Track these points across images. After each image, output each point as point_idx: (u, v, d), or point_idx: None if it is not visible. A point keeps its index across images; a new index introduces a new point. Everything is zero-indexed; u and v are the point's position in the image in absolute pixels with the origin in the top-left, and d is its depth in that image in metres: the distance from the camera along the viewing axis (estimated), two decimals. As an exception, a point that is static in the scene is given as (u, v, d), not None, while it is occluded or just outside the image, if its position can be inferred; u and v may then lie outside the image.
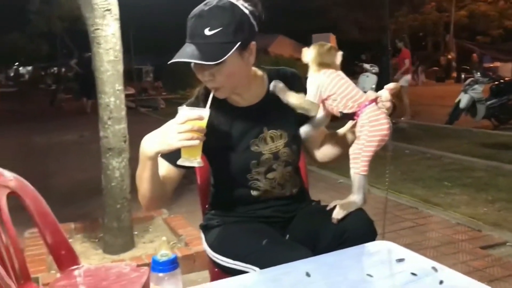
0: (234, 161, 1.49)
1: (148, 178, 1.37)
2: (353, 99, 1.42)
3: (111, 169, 2.81)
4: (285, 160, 1.53)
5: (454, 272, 1.22)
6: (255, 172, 1.50)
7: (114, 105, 2.74)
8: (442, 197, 4.25)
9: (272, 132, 1.52)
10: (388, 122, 1.41)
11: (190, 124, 1.25)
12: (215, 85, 1.40)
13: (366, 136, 1.42)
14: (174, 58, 1.35)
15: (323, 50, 1.45)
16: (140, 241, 3.13)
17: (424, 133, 7.95)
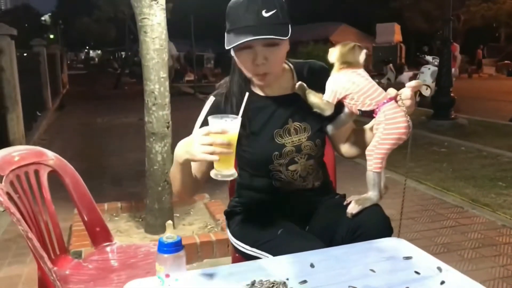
0: (257, 151, 1.53)
1: (180, 178, 1.41)
2: (371, 97, 1.43)
3: (154, 153, 2.93)
4: (307, 153, 1.56)
5: (458, 274, 1.20)
6: (277, 163, 1.53)
7: (159, 92, 2.85)
8: (493, 198, 4.08)
9: (296, 124, 1.55)
10: (406, 120, 1.40)
11: (213, 137, 1.19)
12: (266, 70, 1.43)
13: (381, 134, 1.43)
14: (238, 41, 1.36)
15: (345, 50, 1.47)
16: (180, 223, 3.25)
17: (484, 129, 7.60)
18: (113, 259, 1.91)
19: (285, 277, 1.17)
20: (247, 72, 1.47)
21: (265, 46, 1.40)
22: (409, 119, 1.41)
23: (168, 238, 1.16)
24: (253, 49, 1.40)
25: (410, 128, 1.42)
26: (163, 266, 1.14)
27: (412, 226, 3.37)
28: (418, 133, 7.42)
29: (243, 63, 1.45)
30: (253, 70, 1.44)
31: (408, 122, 1.41)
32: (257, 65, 1.41)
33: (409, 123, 1.41)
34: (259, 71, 1.43)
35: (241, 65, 1.47)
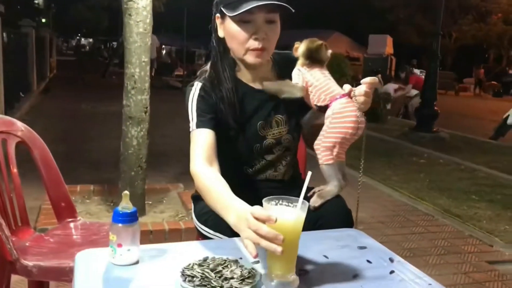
0: (241, 142, 1.52)
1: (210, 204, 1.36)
2: (326, 92, 1.47)
3: (129, 137, 2.93)
4: (286, 146, 1.58)
5: (408, 265, 1.23)
6: (256, 154, 1.55)
7: (139, 76, 2.85)
8: (465, 210, 4.14)
9: (278, 117, 1.56)
10: (356, 116, 1.41)
11: (257, 225, 1.02)
12: (266, 45, 1.42)
13: (326, 128, 1.46)
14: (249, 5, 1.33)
15: (313, 46, 1.50)
16: (152, 210, 3.25)
17: (464, 145, 7.70)
18: (76, 235, 1.90)
19: (239, 257, 1.18)
20: (242, 48, 1.43)
21: (266, 22, 1.40)
22: (360, 115, 1.42)
23: (124, 208, 1.16)
24: (253, 22, 1.39)
25: (360, 124, 1.43)
26: (116, 235, 1.14)
27: (382, 229, 3.40)
28: (400, 143, 7.51)
29: (239, 37, 1.41)
30: (252, 44, 1.41)
31: (358, 118, 1.42)
32: (256, 39, 1.40)
33: (360, 119, 1.42)
34: (258, 45, 1.40)
35: (235, 40, 1.43)
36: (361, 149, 1.50)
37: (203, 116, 1.45)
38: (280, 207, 1.08)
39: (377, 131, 8.40)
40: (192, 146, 1.47)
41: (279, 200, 1.09)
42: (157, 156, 4.61)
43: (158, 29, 22.44)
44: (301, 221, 1.05)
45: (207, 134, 1.43)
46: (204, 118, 1.45)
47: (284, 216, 1.03)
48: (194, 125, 1.44)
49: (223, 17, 1.44)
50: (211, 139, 1.43)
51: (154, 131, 3.50)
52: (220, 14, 1.45)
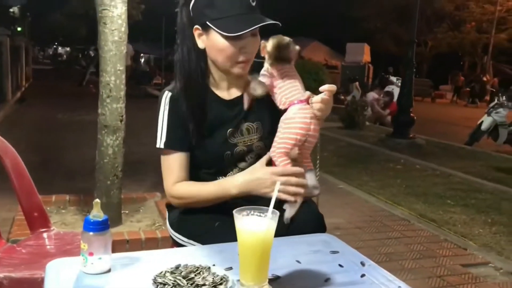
0: (210, 150, 1.52)
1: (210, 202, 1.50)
2: (287, 96, 1.47)
3: (105, 146, 2.90)
4: (258, 154, 1.57)
5: (379, 269, 1.24)
6: (227, 162, 1.54)
7: (114, 84, 2.83)
8: (440, 214, 4.20)
9: (249, 125, 1.56)
10: (308, 122, 1.42)
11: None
12: (249, 58, 1.46)
13: (279, 133, 1.45)
14: (243, 29, 1.37)
15: (281, 43, 1.48)
16: (128, 220, 3.22)
17: (440, 150, 7.84)
18: (49, 245, 1.88)
19: (212, 264, 1.18)
20: (230, 61, 1.45)
21: (251, 35, 1.43)
22: (313, 121, 1.43)
23: (95, 216, 1.15)
24: (242, 38, 1.41)
25: (312, 131, 1.43)
26: (87, 243, 1.13)
27: (359, 235, 3.44)
28: (377, 149, 7.60)
29: (228, 52, 1.43)
30: (240, 57, 1.44)
31: (311, 125, 1.42)
32: (245, 52, 1.43)
33: (312, 127, 1.42)
34: (244, 58, 1.44)
35: (223, 54, 1.44)
36: (340, 156, 1.52)
37: (174, 134, 1.48)
38: (251, 217, 1.08)
39: (355, 138, 8.50)
40: (163, 169, 1.53)
41: (250, 210, 1.09)
42: (134, 165, 4.58)
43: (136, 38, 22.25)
44: (272, 230, 1.06)
45: (177, 157, 1.49)
46: (174, 136, 1.48)
47: (255, 227, 1.04)
48: (163, 144, 1.48)
49: (207, 30, 1.44)
50: (182, 161, 1.50)
51: (131, 139, 3.48)
52: (202, 27, 1.44)
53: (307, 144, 1.46)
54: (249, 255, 1.07)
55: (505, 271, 2.93)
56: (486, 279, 2.81)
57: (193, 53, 1.50)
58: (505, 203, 4.70)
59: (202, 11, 1.42)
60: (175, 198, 1.54)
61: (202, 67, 1.51)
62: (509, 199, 4.83)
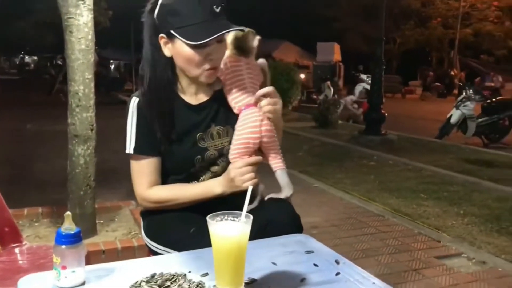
0: (179, 155, 1.52)
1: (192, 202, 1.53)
2: (235, 101, 1.50)
3: (76, 156, 2.86)
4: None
5: (354, 266, 1.26)
6: (199, 166, 1.54)
7: (83, 94, 2.80)
8: (414, 208, 4.28)
9: (219, 128, 1.56)
10: (260, 125, 1.45)
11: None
12: (216, 65, 1.45)
13: (233, 140, 1.49)
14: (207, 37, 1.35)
15: (240, 35, 1.49)
16: (104, 229, 3.18)
17: (411, 145, 7.99)
18: (21, 260, 1.84)
19: (187, 271, 1.18)
20: (197, 70, 1.45)
21: (217, 42, 1.42)
22: (264, 123, 1.45)
23: (66, 229, 1.14)
24: (208, 45, 1.40)
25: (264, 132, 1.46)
26: (60, 257, 1.11)
27: (335, 233, 3.47)
28: (350, 147, 7.69)
29: (195, 61, 1.43)
30: (206, 66, 1.44)
31: (261, 127, 1.45)
32: (211, 60, 1.43)
33: (264, 128, 1.45)
34: (210, 65, 1.44)
35: (190, 63, 1.44)
36: (315, 156, 1.54)
37: (143, 139, 1.49)
38: (224, 222, 1.09)
39: (328, 137, 8.58)
40: (134, 174, 1.54)
41: (224, 215, 1.10)
42: (107, 173, 4.52)
43: (105, 44, 21.96)
44: (246, 234, 1.07)
45: (148, 162, 1.50)
46: (144, 141, 1.49)
47: (229, 232, 1.05)
48: (132, 149, 1.49)
49: (172, 39, 1.43)
50: (153, 165, 1.51)
51: (103, 147, 3.44)
52: (167, 35, 1.43)
53: (266, 144, 1.48)
54: (224, 259, 1.07)
55: (477, 261, 3.00)
56: (460, 269, 2.88)
57: (159, 62, 1.49)
58: (476, 194, 4.82)
59: (166, 19, 1.41)
60: (151, 202, 1.55)
61: (169, 75, 1.51)
62: (480, 191, 4.95)
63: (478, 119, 8.78)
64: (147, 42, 1.50)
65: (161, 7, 1.41)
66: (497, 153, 7.58)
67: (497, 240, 3.47)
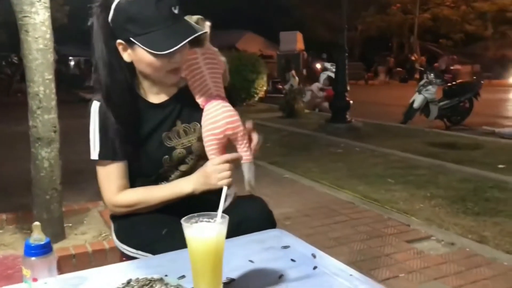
0: (147, 156, 1.49)
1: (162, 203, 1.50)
2: (198, 95, 1.48)
3: (40, 159, 2.78)
4: (198, 155, 1.55)
5: (330, 259, 1.26)
6: (167, 166, 1.51)
7: (44, 95, 2.71)
8: (383, 194, 4.36)
9: (185, 126, 1.52)
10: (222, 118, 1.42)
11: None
12: (179, 65, 1.41)
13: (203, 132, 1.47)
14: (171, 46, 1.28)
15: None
16: (72, 233, 3.10)
17: (377, 131, 8.12)
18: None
19: (164, 274, 1.16)
20: (159, 73, 1.40)
21: None
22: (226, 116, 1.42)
23: (36, 240, 1.10)
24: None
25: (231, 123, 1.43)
26: (30, 269, 1.07)
27: (308, 222, 3.50)
28: (317, 135, 7.76)
29: (156, 65, 1.37)
30: (169, 66, 1.38)
31: (223, 121, 1.42)
32: (174, 62, 1.37)
33: (224, 121, 1.42)
34: (173, 67, 1.39)
35: (152, 67, 1.39)
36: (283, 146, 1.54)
37: (107, 144, 1.44)
38: (200, 224, 1.07)
39: (295, 126, 8.63)
40: (101, 180, 1.49)
41: (199, 217, 1.08)
42: (72, 174, 4.40)
43: (64, 41, 21.41)
44: (223, 235, 1.05)
45: (115, 167, 1.46)
46: (108, 146, 1.44)
47: (205, 234, 1.03)
48: (97, 155, 1.44)
49: (131, 45, 1.36)
50: (121, 170, 1.47)
51: (68, 148, 3.34)
52: (127, 42, 1.37)
53: (231, 137, 1.44)
54: (202, 262, 1.06)
55: (446, 243, 3.09)
56: (430, 252, 2.95)
57: (116, 65, 1.42)
58: (441, 176, 4.95)
59: (124, 26, 1.34)
60: (121, 207, 1.51)
61: (128, 78, 1.45)
62: (445, 173, 5.09)
63: (440, 103, 9.00)
64: (100, 45, 1.41)
65: (116, 12, 1.34)
66: (459, 135, 7.81)
67: (463, 221, 3.57)
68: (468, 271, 2.65)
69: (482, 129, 8.46)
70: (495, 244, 3.10)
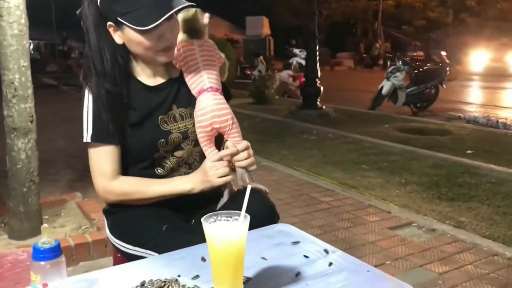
0: (142, 139, 1.46)
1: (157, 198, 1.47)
2: (192, 86, 1.48)
3: (16, 150, 2.66)
4: (194, 140, 1.52)
5: (344, 254, 1.26)
6: (162, 151, 1.48)
7: (19, 83, 2.58)
8: (359, 180, 4.41)
9: (181, 110, 1.51)
10: (211, 110, 1.42)
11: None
12: (171, 43, 1.40)
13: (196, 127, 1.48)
14: (155, 20, 1.29)
15: (189, 16, 1.47)
16: (51, 226, 2.99)
17: (347, 118, 8.20)
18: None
19: (177, 274, 1.12)
20: (150, 52, 1.40)
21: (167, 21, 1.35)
22: (214, 109, 1.42)
23: (44, 243, 1.05)
24: (159, 26, 1.33)
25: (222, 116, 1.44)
26: (40, 275, 1.02)
27: (290, 211, 3.50)
28: (289, 122, 7.78)
29: (146, 44, 1.37)
30: (160, 45, 1.38)
31: (211, 113, 1.42)
32: (164, 40, 1.37)
33: (212, 114, 1.42)
34: (164, 45, 1.39)
35: (142, 47, 1.39)
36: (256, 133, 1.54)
37: (100, 126, 1.41)
38: (220, 223, 1.03)
39: (267, 112, 8.62)
40: (93, 165, 1.46)
41: (217, 216, 1.04)
42: (44, 165, 4.24)
43: (22, 23, 20.63)
44: (245, 235, 1.02)
45: (108, 150, 1.43)
46: (102, 128, 1.41)
47: (230, 234, 1.00)
48: (89, 137, 1.42)
49: (120, 26, 1.37)
50: (114, 154, 1.44)
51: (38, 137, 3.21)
52: (115, 23, 1.37)
53: (220, 130, 1.45)
54: (224, 262, 1.02)
55: (427, 229, 3.15)
56: (413, 238, 3.01)
57: (108, 49, 1.42)
58: (414, 162, 5.05)
59: (111, 7, 1.35)
60: (114, 194, 1.47)
61: (120, 61, 1.43)
62: (417, 159, 5.19)
63: (407, 89, 9.16)
64: (92, 31, 1.42)
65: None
66: (426, 120, 7.98)
67: (439, 207, 3.66)
68: (451, 257, 2.71)
69: (448, 114, 8.68)
70: (472, 229, 3.19)
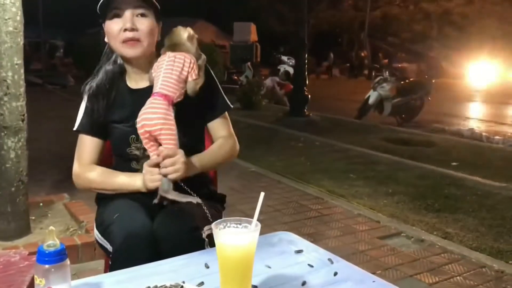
0: (118, 134, 1.57)
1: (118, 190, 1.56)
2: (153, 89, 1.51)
3: (6, 149, 2.61)
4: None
5: (348, 264, 1.26)
6: (134, 146, 1.56)
7: (12, 80, 2.54)
8: (347, 189, 4.42)
9: None
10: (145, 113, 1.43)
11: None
12: (138, 36, 1.48)
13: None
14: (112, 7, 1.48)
15: (170, 33, 1.55)
16: (38, 227, 2.94)
17: (334, 126, 8.24)
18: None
19: (181, 280, 1.11)
20: (116, 42, 1.50)
21: (136, 16, 1.49)
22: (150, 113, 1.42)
23: (50, 246, 1.02)
24: (123, 17, 1.48)
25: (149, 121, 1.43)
26: (44, 278, 0.99)
27: (280, 218, 3.50)
28: (277, 128, 7.79)
29: (112, 32, 1.50)
30: (123, 35, 1.48)
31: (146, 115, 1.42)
32: (126, 30, 1.47)
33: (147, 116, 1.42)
34: (127, 35, 1.47)
35: (110, 35, 1.52)
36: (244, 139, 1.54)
37: (86, 119, 1.58)
38: (230, 230, 1.02)
39: (254, 118, 8.61)
40: (76, 150, 1.62)
41: (226, 223, 1.03)
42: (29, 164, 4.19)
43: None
44: (255, 243, 1.01)
45: (89, 141, 1.59)
46: (87, 122, 1.58)
47: (242, 241, 0.99)
48: (76, 126, 1.59)
49: (104, 22, 1.53)
50: (94, 145, 1.58)
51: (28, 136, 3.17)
52: (102, 20, 1.54)
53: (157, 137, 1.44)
54: (233, 269, 1.02)
55: (415, 239, 3.17)
56: (402, 248, 3.03)
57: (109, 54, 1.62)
58: (400, 173, 5.08)
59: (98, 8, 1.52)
60: (82, 180, 1.58)
61: (116, 65, 1.61)
62: (403, 169, 5.23)
63: (393, 100, 9.26)
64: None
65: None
66: (412, 131, 8.07)
67: (426, 218, 3.68)
68: (440, 268, 2.73)
69: (433, 126, 8.79)
70: (459, 241, 3.22)
